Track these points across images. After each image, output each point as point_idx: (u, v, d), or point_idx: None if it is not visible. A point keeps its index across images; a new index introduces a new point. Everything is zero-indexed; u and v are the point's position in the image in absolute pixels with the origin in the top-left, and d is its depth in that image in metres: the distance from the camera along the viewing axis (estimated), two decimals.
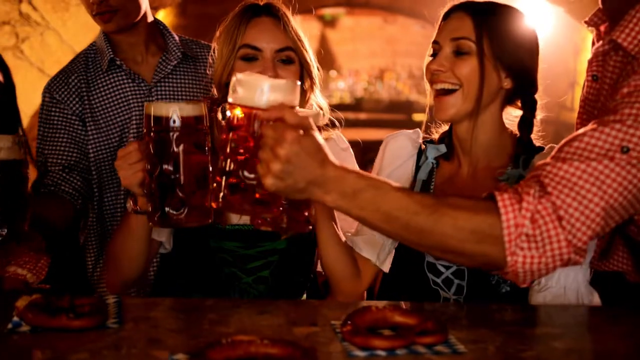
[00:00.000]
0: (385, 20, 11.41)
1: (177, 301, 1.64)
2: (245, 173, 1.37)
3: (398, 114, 9.55)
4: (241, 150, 1.37)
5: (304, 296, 2.07)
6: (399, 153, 1.97)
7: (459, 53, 1.80)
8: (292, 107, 1.35)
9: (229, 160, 1.38)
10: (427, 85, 1.89)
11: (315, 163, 1.32)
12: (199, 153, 1.54)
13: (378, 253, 1.90)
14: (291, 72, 1.93)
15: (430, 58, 1.87)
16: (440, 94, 1.82)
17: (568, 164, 1.38)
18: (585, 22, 1.69)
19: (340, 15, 11.43)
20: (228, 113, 1.39)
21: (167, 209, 1.53)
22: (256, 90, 1.35)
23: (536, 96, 1.89)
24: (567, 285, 1.73)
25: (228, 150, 1.38)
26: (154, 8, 4.74)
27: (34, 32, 4.18)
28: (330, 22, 11.47)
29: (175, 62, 2.47)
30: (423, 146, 1.98)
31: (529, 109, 1.87)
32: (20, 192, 1.60)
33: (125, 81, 2.43)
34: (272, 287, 1.96)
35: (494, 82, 1.80)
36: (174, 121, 1.51)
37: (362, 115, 9.72)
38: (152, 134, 1.54)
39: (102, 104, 2.41)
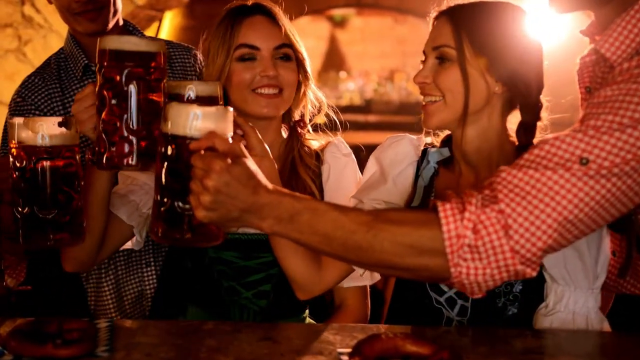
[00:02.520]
0: (396, 21, 11.33)
1: (172, 324, 1.54)
2: (180, 204, 1.34)
3: (408, 115, 9.44)
4: (175, 181, 1.34)
5: (307, 312, 1.98)
6: (401, 158, 1.87)
7: (441, 62, 1.70)
8: (224, 135, 1.32)
9: (165, 192, 1.35)
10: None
11: (247, 191, 1.29)
12: (152, 94, 1.50)
13: None
14: (290, 69, 1.87)
15: (421, 64, 1.77)
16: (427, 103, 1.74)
17: (523, 171, 1.33)
18: (581, 31, 1.59)
19: (350, 15, 11.38)
20: (160, 147, 1.35)
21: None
22: (186, 119, 1.32)
23: (542, 98, 1.74)
24: (577, 311, 1.63)
25: (163, 181, 1.35)
26: (160, 10, 4.68)
27: (36, 34, 4.15)
28: (340, 23, 11.41)
29: None
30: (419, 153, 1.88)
31: (529, 112, 1.72)
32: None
33: None
34: (273, 302, 1.87)
35: (482, 88, 1.68)
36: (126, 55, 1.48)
37: (372, 117, 9.62)
38: (103, 70, 1.49)
39: None
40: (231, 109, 1.38)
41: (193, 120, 1.31)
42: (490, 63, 1.67)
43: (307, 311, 1.98)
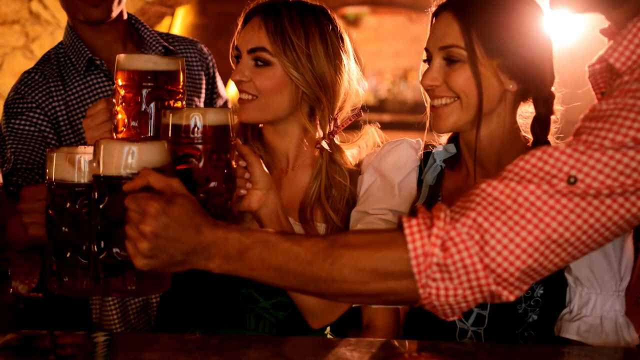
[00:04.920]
0: (410, 19, 11.23)
1: (176, 339, 1.43)
2: (118, 251, 1.24)
3: (423, 115, 9.32)
4: (111, 227, 1.24)
5: (328, 327, 1.85)
6: (402, 163, 1.77)
7: (450, 61, 1.60)
8: (162, 170, 1.22)
9: (101, 237, 1.24)
10: (425, 95, 1.70)
11: (189, 232, 1.19)
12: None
13: None
14: (263, 75, 1.73)
15: (423, 63, 1.68)
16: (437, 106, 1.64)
17: (504, 184, 1.20)
18: (601, 31, 1.46)
19: (363, 14, 11.29)
20: (93, 191, 1.24)
21: None
22: (117, 157, 1.21)
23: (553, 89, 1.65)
24: (604, 315, 1.54)
25: (99, 227, 1.24)
26: (170, 6, 4.60)
27: (44, 31, 4.10)
28: (353, 22, 11.32)
29: None
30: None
31: (543, 105, 1.63)
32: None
33: (105, 82, 2.21)
34: (292, 315, 1.76)
35: (495, 87, 1.60)
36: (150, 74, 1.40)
37: (386, 117, 9.50)
38: (120, 89, 1.42)
39: (80, 106, 2.19)
40: (166, 143, 1.26)
41: (127, 158, 1.20)
42: (503, 61, 1.57)
43: (328, 327, 1.86)
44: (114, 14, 2.16)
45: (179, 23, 5.95)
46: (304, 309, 1.65)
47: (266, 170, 1.55)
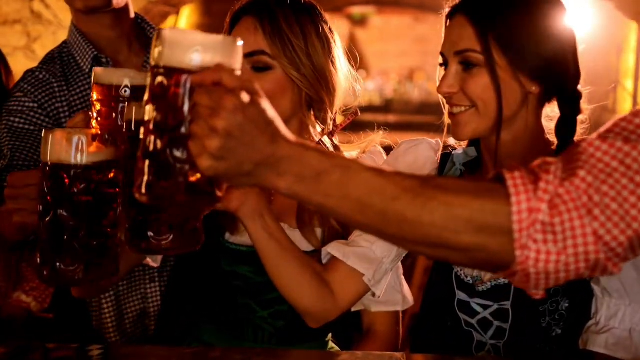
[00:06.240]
0: (416, 19, 11.23)
1: (175, 351, 1.38)
2: (175, 153, 1.06)
3: (429, 115, 9.31)
4: (168, 124, 1.06)
5: (330, 335, 1.80)
6: (421, 164, 1.69)
7: (467, 66, 1.52)
8: (233, 70, 1.06)
9: (152, 138, 1.06)
10: (443, 102, 1.62)
11: (264, 138, 1.03)
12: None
13: (374, 271, 1.59)
14: (265, 80, 1.63)
15: (440, 68, 1.60)
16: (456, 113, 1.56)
17: (608, 143, 1.07)
18: None
19: (369, 14, 11.28)
20: (150, 79, 1.08)
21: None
22: (185, 48, 1.05)
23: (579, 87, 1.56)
24: (634, 327, 1.45)
25: (151, 125, 1.06)
26: (173, 6, 4.56)
27: (46, 31, 4.07)
28: (359, 22, 11.31)
29: None
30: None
31: (568, 105, 1.56)
32: None
33: None
34: (291, 324, 1.70)
35: (516, 91, 1.51)
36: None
37: (392, 118, 9.48)
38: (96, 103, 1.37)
39: (83, 107, 2.13)
40: (240, 41, 1.11)
41: (194, 51, 1.05)
42: (523, 63, 1.49)
43: (330, 335, 1.80)
44: (114, 2, 2.08)
45: (184, 23, 5.93)
46: (300, 308, 1.57)
47: None
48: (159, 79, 1.06)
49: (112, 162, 1.28)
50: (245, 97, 1.02)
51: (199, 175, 1.06)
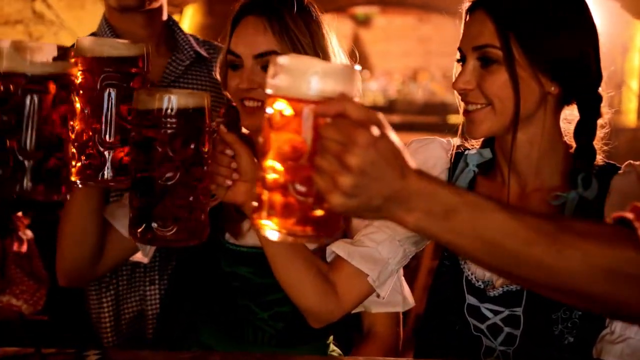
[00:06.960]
0: (420, 20, 11.20)
1: (173, 357, 1.36)
2: (297, 186, 1.02)
3: (432, 115, 9.29)
4: (290, 157, 1.03)
5: (331, 337, 1.78)
6: (432, 164, 1.64)
7: (485, 63, 1.48)
8: (357, 102, 1.02)
9: (273, 170, 1.03)
10: (458, 99, 1.57)
11: (394, 173, 1.00)
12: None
13: (379, 271, 1.57)
14: None
15: (457, 64, 1.56)
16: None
17: None
18: None
19: (373, 14, 11.25)
20: (269, 110, 1.04)
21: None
22: (305, 76, 1.00)
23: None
24: None
25: (271, 157, 1.03)
26: (176, 5, 4.55)
27: (47, 31, 4.08)
28: (363, 22, 11.28)
29: (188, 62, 2.20)
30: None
31: (589, 108, 1.51)
32: None
33: None
34: (292, 326, 1.69)
35: (535, 91, 1.47)
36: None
37: (395, 118, 9.46)
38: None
39: None
40: (358, 68, 1.09)
41: (314, 80, 1.00)
42: (543, 61, 1.45)
43: (331, 337, 1.79)
44: (148, 2, 2.08)
45: (187, 23, 5.92)
46: (304, 308, 1.55)
47: (255, 160, 1.42)
48: (278, 107, 1.02)
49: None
50: (375, 131, 0.98)
51: (322, 212, 1.03)
